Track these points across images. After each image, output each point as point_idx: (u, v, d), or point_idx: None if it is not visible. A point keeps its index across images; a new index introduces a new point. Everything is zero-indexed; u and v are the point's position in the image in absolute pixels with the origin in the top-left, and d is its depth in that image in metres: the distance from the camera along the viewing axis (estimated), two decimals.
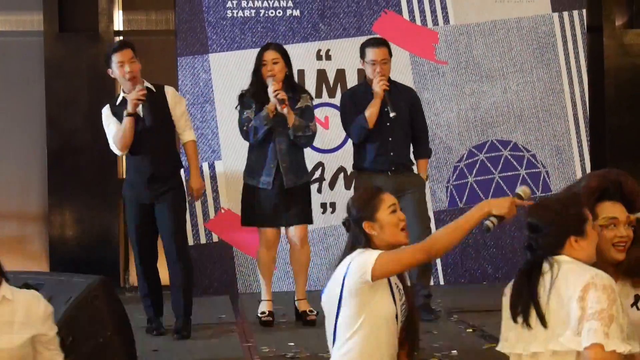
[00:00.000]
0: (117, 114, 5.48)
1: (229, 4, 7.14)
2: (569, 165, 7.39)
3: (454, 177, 7.23)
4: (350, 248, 3.30)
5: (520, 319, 2.96)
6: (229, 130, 6.95)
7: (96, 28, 7.69)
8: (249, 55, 6.96)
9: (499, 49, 7.38)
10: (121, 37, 7.93)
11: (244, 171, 5.82)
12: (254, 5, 7.17)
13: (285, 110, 5.51)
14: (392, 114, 5.60)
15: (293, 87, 5.78)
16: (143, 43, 8.03)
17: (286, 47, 6.86)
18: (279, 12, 7.19)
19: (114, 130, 5.46)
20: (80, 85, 7.60)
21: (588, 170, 7.36)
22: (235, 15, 7.14)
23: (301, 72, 7.02)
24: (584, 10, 7.47)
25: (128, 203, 5.68)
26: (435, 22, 7.29)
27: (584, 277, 2.88)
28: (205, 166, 7.01)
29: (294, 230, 5.69)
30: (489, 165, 7.28)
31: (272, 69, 5.63)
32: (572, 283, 2.89)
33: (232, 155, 7.00)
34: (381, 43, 5.86)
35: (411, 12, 7.29)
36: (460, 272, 7.13)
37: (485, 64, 7.33)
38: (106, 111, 5.57)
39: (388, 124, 5.70)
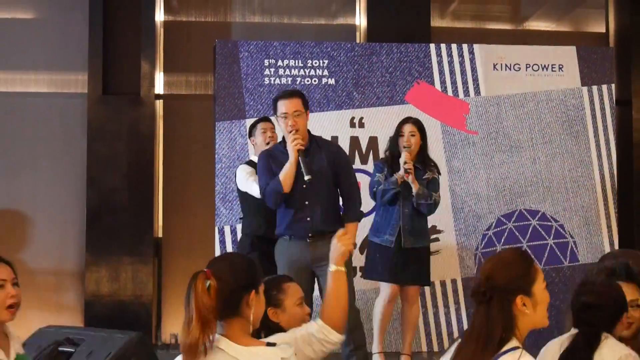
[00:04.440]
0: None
1: (267, 72, 7.26)
2: (596, 236, 7.36)
3: (483, 244, 7.25)
4: (486, 329, 2.71)
5: None
6: None
7: (138, 91, 7.90)
8: None
9: (529, 121, 7.44)
10: (162, 100, 8.17)
11: (370, 230, 6.19)
12: (290, 73, 7.29)
13: (410, 179, 5.90)
14: (306, 177, 5.23)
15: (424, 159, 6.14)
16: (182, 106, 8.30)
17: (320, 114, 7.11)
18: (315, 81, 7.31)
19: (253, 179, 5.75)
20: (120, 147, 7.81)
21: (616, 241, 7.35)
22: (272, 82, 7.26)
23: (334, 139, 7.10)
24: (613, 85, 7.52)
25: (259, 257, 5.61)
26: (466, 93, 7.38)
27: (618, 353, 3.13)
28: (239, 227, 6.74)
29: (407, 289, 6.06)
30: (517, 234, 7.30)
31: (408, 140, 6.04)
32: (608, 357, 3.14)
33: None
34: (293, 94, 5.41)
35: (443, 82, 7.39)
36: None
37: (515, 135, 7.39)
38: (248, 167, 5.95)
39: (304, 186, 5.28)
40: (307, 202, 5.33)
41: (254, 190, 5.77)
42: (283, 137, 5.45)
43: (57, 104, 8.12)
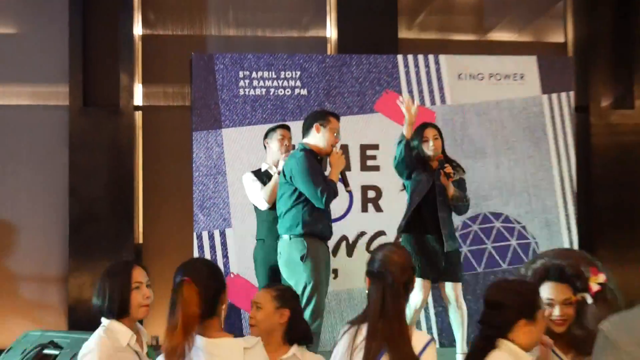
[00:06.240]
0: (261, 179, 6.08)
1: (242, 83, 7.23)
2: (557, 237, 7.36)
3: None
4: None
5: None
6: (239, 199, 7.00)
7: (117, 103, 7.89)
8: (259, 131, 6.94)
9: (492, 128, 7.45)
10: (140, 112, 8.20)
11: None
12: (264, 84, 7.26)
13: (447, 183, 5.80)
14: (348, 189, 5.65)
15: (448, 160, 6.02)
16: (160, 117, 8.27)
17: (294, 123, 6.85)
18: (288, 91, 7.28)
19: (259, 189, 6.00)
20: (101, 157, 7.80)
21: (575, 241, 7.36)
22: (247, 93, 7.24)
23: None
24: (572, 93, 7.52)
25: (259, 264, 6.00)
26: (432, 101, 7.36)
27: None
28: (216, 233, 7.07)
29: (452, 287, 5.91)
30: (482, 235, 7.28)
31: (435, 144, 5.91)
32: None
33: (241, 223, 7.03)
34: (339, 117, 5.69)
35: (410, 92, 7.34)
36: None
37: (479, 142, 7.40)
38: (251, 176, 6.15)
39: None
40: (329, 208, 5.50)
41: (258, 200, 5.97)
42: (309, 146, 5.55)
43: (40, 115, 8.10)
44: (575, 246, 7.38)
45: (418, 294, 5.76)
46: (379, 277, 3.27)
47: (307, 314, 5.22)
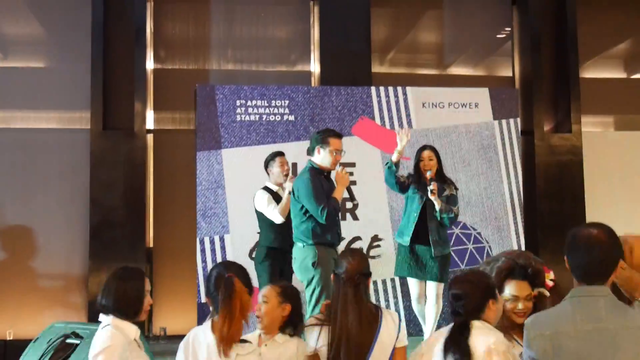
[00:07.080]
0: (274, 197, 5.95)
1: (238, 110, 7.18)
2: (507, 241, 7.36)
3: None
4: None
5: None
6: (235, 210, 6.96)
7: (132, 127, 7.83)
8: (254, 151, 7.05)
9: (451, 148, 7.43)
10: (152, 134, 8.14)
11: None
12: (258, 111, 7.22)
13: (433, 198, 5.66)
14: (355, 202, 5.46)
15: (443, 178, 5.85)
16: (169, 139, 8.22)
17: (283, 144, 6.97)
18: (278, 117, 7.25)
19: (273, 206, 5.87)
20: (117, 173, 7.75)
21: (522, 245, 7.33)
22: (243, 119, 7.19)
23: (294, 165, 7.04)
24: (519, 119, 7.55)
25: (268, 265, 5.84)
26: (400, 126, 7.30)
27: (487, 341, 2.96)
28: (216, 238, 7.00)
29: (434, 286, 5.79)
30: None
31: (429, 164, 5.81)
32: (480, 344, 2.98)
33: (238, 230, 6.98)
34: (342, 135, 5.39)
35: (382, 118, 7.36)
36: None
37: (441, 160, 7.37)
38: (266, 194, 5.97)
39: None
40: (337, 217, 5.31)
41: (274, 216, 5.84)
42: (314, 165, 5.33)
43: (65, 137, 8.06)
44: (523, 248, 7.38)
45: (414, 290, 5.78)
46: (337, 277, 3.61)
47: (316, 312, 5.07)
